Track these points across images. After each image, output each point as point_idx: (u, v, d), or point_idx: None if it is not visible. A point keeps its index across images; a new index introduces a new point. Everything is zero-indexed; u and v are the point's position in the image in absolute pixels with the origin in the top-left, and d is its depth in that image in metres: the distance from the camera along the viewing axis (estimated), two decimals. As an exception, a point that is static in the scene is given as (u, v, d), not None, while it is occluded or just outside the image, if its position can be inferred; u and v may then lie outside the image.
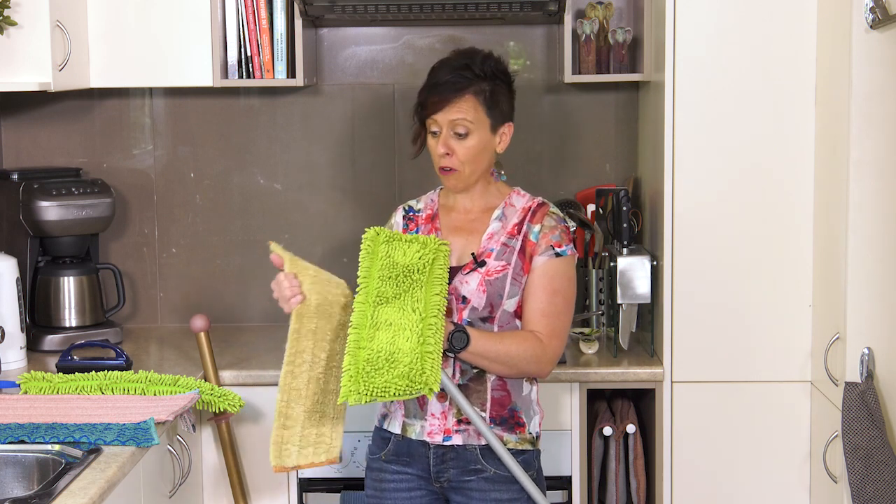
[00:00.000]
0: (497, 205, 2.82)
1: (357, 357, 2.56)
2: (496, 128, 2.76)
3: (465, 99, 2.71)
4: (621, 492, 3.42)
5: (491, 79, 2.73)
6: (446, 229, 2.82)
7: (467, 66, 2.73)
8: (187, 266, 3.99)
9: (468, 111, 2.71)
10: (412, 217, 2.87)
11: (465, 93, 2.71)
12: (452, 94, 2.71)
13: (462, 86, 2.71)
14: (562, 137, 3.92)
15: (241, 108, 3.94)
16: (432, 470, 2.77)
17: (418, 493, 2.80)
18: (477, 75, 2.72)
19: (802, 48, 3.23)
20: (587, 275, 3.74)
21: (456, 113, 2.71)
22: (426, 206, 2.87)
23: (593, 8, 3.72)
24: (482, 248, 2.77)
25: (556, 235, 2.77)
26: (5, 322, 3.35)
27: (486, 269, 2.74)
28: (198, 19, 3.57)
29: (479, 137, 2.73)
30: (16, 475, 2.64)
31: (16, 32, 3.27)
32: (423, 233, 2.82)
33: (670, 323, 3.34)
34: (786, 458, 3.33)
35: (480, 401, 2.75)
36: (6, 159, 3.93)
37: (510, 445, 2.75)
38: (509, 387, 2.76)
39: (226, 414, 3.24)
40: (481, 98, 2.72)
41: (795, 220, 3.28)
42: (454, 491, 2.78)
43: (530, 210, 2.80)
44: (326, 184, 3.96)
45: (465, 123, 2.71)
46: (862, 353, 2.95)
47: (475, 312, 2.74)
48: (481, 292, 2.73)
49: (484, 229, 2.79)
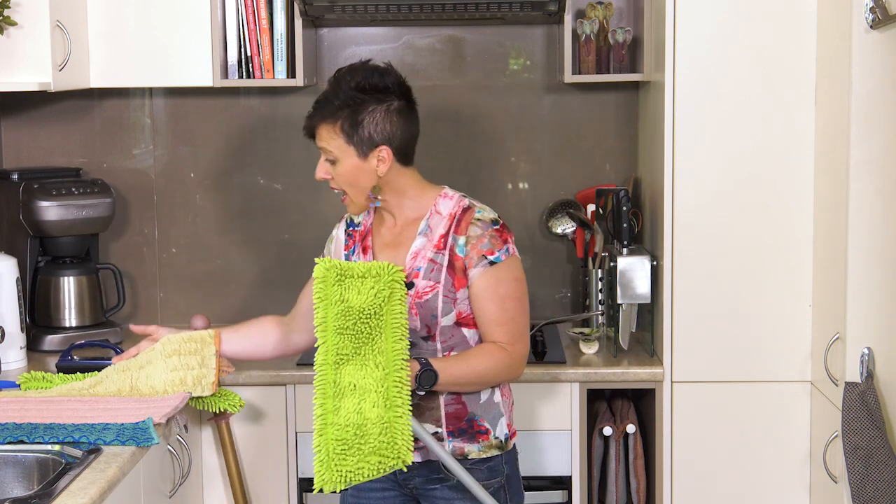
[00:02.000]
0: (422, 213, 2.71)
1: (325, 436, 2.45)
2: (366, 153, 2.64)
3: (322, 128, 2.66)
4: (621, 492, 3.42)
5: (351, 105, 2.62)
6: (378, 246, 2.75)
7: (332, 92, 2.65)
8: (187, 266, 3.98)
9: (327, 140, 2.65)
10: (350, 233, 2.81)
11: (322, 122, 2.65)
12: (311, 122, 2.68)
13: (318, 115, 2.66)
14: (562, 137, 3.92)
15: (241, 108, 3.94)
16: (399, 477, 2.75)
17: (391, 493, 2.78)
18: (337, 103, 2.63)
19: (802, 48, 3.23)
20: (587, 275, 3.74)
21: (319, 141, 2.67)
22: (363, 221, 2.80)
23: (593, 8, 3.72)
24: (409, 269, 2.67)
25: (485, 244, 2.64)
26: (5, 322, 3.35)
27: (415, 290, 2.65)
28: (198, 19, 3.57)
29: (347, 164, 2.65)
30: (16, 475, 2.64)
31: (16, 32, 3.27)
32: (358, 251, 2.76)
33: (670, 323, 3.34)
34: (786, 458, 3.33)
35: (434, 418, 2.69)
36: (6, 159, 3.93)
37: (473, 456, 2.69)
38: (464, 399, 2.69)
39: (226, 414, 3.23)
40: (338, 127, 2.63)
41: (795, 220, 3.28)
42: (422, 497, 2.76)
43: (455, 218, 2.67)
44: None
45: (327, 151, 2.66)
46: (862, 353, 2.95)
47: (414, 334, 2.64)
48: (414, 315, 2.65)
49: (408, 243, 2.70)
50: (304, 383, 3.35)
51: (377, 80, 2.66)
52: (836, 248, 3.06)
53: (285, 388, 3.36)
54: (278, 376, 3.35)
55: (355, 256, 2.77)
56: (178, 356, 3.01)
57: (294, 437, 3.36)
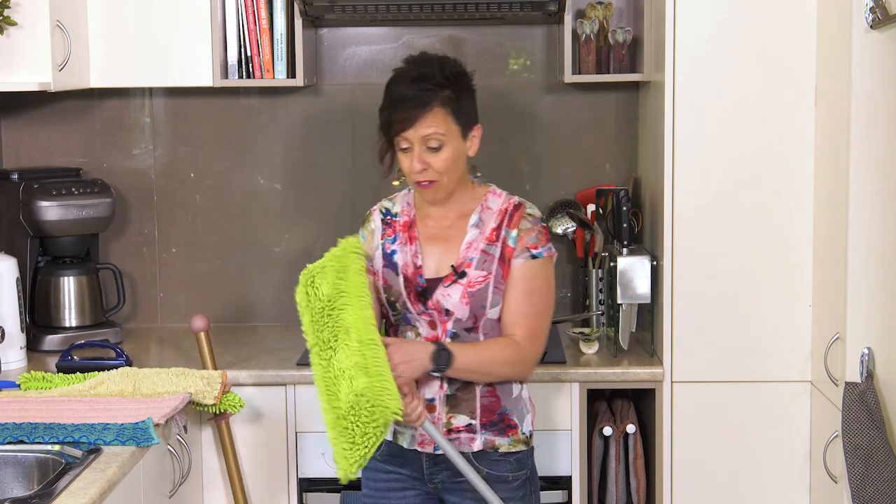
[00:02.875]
0: (473, 209, 2.76)
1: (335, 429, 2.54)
2: (466, 133, 2.68)
3: (434, 112, 2.63)
4: (621, 492, 3.42)
5: (453, 85, 2.66)
6: (423, 238, 2.77)
7: (427, 76, 2.65)
8: (187, 266, 3.98)
9: (439, 124, 2.63)
10: (389, 221, 2.80)
11: (432, 106, 2.63)
12: (419, 109, 2.62)
13: (427, 99, 2.63)
14: (562, 137, 3.92)
15: (241, 108, 3.94)
16: (425, 472, 2.77)
17: (412, 492, 2.80)
18: (439, 84, 2.64)
19: (802, 48, 3.22)
20: (587, 275, 3.74)
21: (427, 128, 2.63)
22: (403, 211, 2.80)
23: (593, 8, 3.72)
24: (461, 259, 2.72)
25: (532, 237, 2.72)
26: (5, 322, 3.35)
27: (467, 279, 2.70)
28: (198, 19, 3.57)
29: (452, 147, 2.66)
30: (16, 475, 2.64)
31: (16, 32, 3.27)
32: (402, 241, 2.77)
33: (670, 323, 3.34)
34: (786, 458, 3.33)
35: (470, 409, 2.74)
36: (6, 159, 3.93)
37: (503, 449, 2.75)
38: (498, 392, 2.75)
39: (226, 414, 3.24)
40: (449, 108, 2.64)
41: (795, 220, 3.28)
42: (448, 491, 2.78)
43: (507, 213, 2.74)
44: (326, 184, 3.96)
45: (437, 137, 2.63)
46: (862, 353, 2.95)
47: (459, 324, 2.71)
48: (464, 304, 2.70)
49: (461, 237, 2.74)
50: (304, 383, 3.34)
51: (461, 67, 2.71)
52: (836, 248, 3.06)
53: (285, 388, 3.36)
54: (278, 376, 3.35)
55: (397, 245, 2.77)
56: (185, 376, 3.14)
57: (294, 437, 3.36)
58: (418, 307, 2.72)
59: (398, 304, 2.74)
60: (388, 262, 2.76)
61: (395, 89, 2.67)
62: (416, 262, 2.74)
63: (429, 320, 2.72)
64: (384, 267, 2.76)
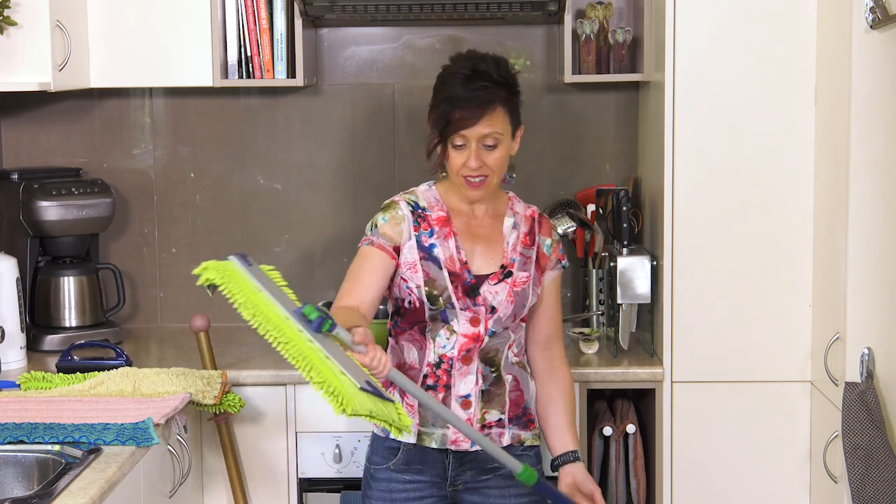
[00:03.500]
0: (502, 210, 2.83)
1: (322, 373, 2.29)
2: (514, 134, 2.75)
3: (496, 112, 2.66)
4: (621, 492, 3.42)
5: (509, 85, 2.70)
6: (463, 234, 2.78)
7: (485, 74, 2.66)
8: (187, 266, 3.97)
9: (499, 124, 2.66)
10: (422, 215, 2.78)
11: (495, 105, 2.65)
12: (482, 108, 2.64)
13: (490, 99, 2.65)
14: (562, 137, 3.92)
15: (241, 108, 3.94)
16: (449, 474, 2.78)
17: (429, 500, 2.80)
18: (497, 83, 2.67)
19: (802, 48, 3.22)
20: (587, 275, 3.74)
21: (487, 127, 2.65)
22: (431, 206, 2.79)
23: (593, 8, 3.72)
24: (508, 259, 2.79)
25: (561, 249, 2.89)
26: (5, 322, 3.35)
27: (512, 279, 2.77)
28: (198, 19, 3.57)
29: (506, 146, 2.71)
30: (16, 475, 2.64)
31: (16, 32, 3.27)
32: (440, 236, 2.76)
33: (670, 323, 3.34)
34: (786, 458, 3.33)
35: (501, 404, 2.79)
36: (6, 159, 3.93)
37: (528, 443, 2.83)
38: (521, 385, 2.83)
39: (226, 414, 3.24)
40: (507, 108, 2.69)
41: (795, 220, 3.27)
42: (470, 492, 2.79)
43: (534, 220, 2.85)
44: (326, 184, 3.96)
45: (495, 136, 2.66)
46: (862, 353, 2.95)
47: (500, 322, 2.76)
48: (510, 303, 2.76)
49: (498, 236, 2.80)
50: (304, 383, 3.33)
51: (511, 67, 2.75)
52: (836, 248, 3.06)
53: (285, 388, 3.36)
54: (278, 376, 3.35)
55: (435, 239, 2.76)
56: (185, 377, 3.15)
57: (294, 437, 3.36)
58: (465, 302, 2.74)
59: (442, 298, 2.74)
60: (427, 255, 2.75)
61: (452, 86, 2.67)
62: (461, 257, 2.76)
63: (471, 316, 2.74)
64: (422, 259, 2.75)
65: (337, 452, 3.34)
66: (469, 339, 2.75)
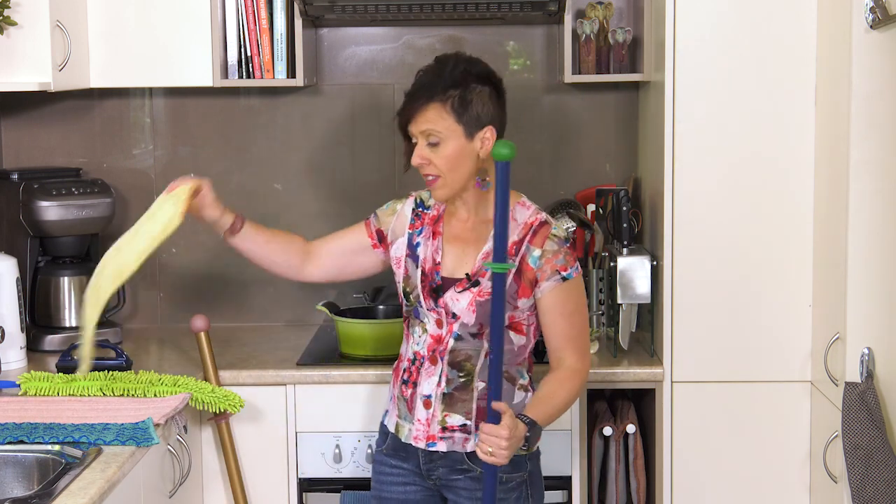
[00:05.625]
0: None
1: None
2: (472, 134, 2.67)
3: (431, 108, 2.66)
4: (621, 492, 3.42)
5: (461, 85, 2.67)
6: (447, 235, 2.79)
7: (437, 74, 2.69)
8: (187, 266, 3.98)
9: (435, 121, 2.66)
10: (420, 214, 2.83)
11: (431, 102, 2.66)
12: (417, 103, 2.67)
13: (425, 95, 2.67)
14: (562, 137, 3.92)
15: (241, 108, 3.94)
16: (422, 468, 2.79)
17: (413, 487, 2.82)
18: (446, 83, 2.67)
19: (802, 48, 3.22)
20: (587, 275, 3.73)
21: (424, 123, 2.67)
22: (434, 206, 2.84)
23: (593, 8, 3.72)
24: (477, 267, 2.73)
25: (560, 260, 2.72)
26: (5, 322, 3.35)
27: (478, 288, 2.71)
28: (198, 19, 3.57)
29: (452, 146, 2.66)
30: (16, 475, 2.65)
31: (16, 32, 3.27)
32: (427, 234, 2.80)
33: (670, 323, 3.34)
34: (786, 458, 3.33)
35: (465, 410, 2.75)
36: (6, 159, 3.93)
37: None
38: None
39: (226, 414, 3.24)
40: (448, 106, 2.65)
41: (795, 220, 3.28)
42: (445, 488, 2.80)
43: (531, 228, 2.73)
44: (326, 184, 3.96)
45: (434, 133, 2.66)
46: (862, 353, 2.95)
47: (465, 328, 2.73)
48: (471, 312, 2.71)
49: (481, 242, 2.75)
50: (304, 383, 3.35)
51: (480, 68, 2.73)
52: (836, 248, 3.06)
53: (285, 388, 3.36)
54: (278, 376, 3.35)
55: (421, 238, 2.80)
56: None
57: (294, 437, 3.36)
58: (429, 303, 2.74)
59: (412, 295, 2.77)
60: (411, 253, 2.80)
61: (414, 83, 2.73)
62: (436, 258, 2.77)
63: (437, 318, 2.74)
64: (407, 257, 2.80)
65: (337, 452, 3.34)
66: (433, 340, 2.76)
